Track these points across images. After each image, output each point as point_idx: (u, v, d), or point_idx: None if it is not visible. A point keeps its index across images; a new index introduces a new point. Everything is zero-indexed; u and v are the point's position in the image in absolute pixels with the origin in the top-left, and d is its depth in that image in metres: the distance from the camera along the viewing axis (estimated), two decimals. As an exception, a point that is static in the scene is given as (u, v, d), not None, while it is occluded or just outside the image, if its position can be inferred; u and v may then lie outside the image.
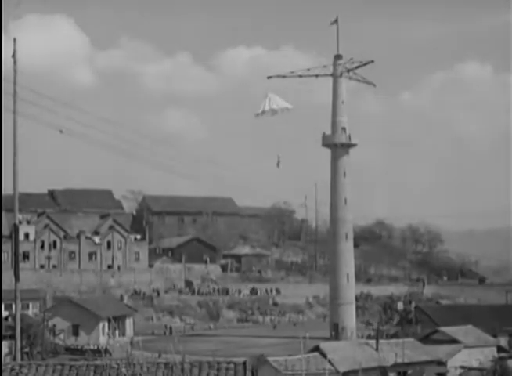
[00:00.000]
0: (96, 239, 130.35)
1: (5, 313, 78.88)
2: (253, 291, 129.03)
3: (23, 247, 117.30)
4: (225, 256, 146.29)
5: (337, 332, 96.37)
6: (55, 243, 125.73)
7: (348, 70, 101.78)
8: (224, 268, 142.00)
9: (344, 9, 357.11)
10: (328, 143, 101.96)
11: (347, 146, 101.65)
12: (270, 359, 54.19)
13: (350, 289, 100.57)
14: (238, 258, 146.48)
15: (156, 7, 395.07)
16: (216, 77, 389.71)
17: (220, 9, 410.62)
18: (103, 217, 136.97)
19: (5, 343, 61.15)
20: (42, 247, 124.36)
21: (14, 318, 46.50)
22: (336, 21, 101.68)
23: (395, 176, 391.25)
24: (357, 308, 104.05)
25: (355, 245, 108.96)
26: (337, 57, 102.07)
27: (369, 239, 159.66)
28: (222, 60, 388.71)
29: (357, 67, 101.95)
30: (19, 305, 44.53)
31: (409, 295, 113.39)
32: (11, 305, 76.69)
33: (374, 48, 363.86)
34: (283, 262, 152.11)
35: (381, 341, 59.70)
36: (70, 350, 79.93)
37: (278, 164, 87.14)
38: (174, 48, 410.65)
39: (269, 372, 51.69)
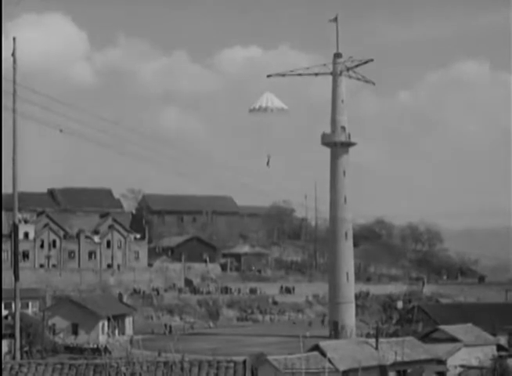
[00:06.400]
0: (96, 238, 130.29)
1: (4, 312, 78.83)
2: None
3: (23, 246, 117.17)
4: (224, 255, 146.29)
5: (336, 331, 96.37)
6: (54, 242, 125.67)
7: (348, 69, 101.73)
8: (223, 267, 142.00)
9: (342, 8, 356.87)
10: (327, 142, 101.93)
11: (347, 144, 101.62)
12: (270, 357, 54.22)
13: (349, 288, 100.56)
14: (238, 257, 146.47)
15: (153, 5, 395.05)
16: (214, 75, 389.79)
17: (218, 7, 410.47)
18: (103, 216, 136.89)
19: (4, 342, 61.12)
20: (42, 246, 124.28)
21: (14, 317, 46.49)
22: (335, 19, 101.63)
23: (395, 175, 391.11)
24: (356, 307, 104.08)
25: (355, 244, 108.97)
26: (337, 56, 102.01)
27: (369, 238, 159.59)
28: (220, 59, 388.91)
29: (357, 66, 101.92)
30: (19, 304, 44.53)
31: (408, 294, 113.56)
32: (11, 304, 76.64)
33: (373, 48, 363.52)
34: (283, 261, 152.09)
35: (381, 339, 59.67)
36: (69, 349, 79.90)
37: (268, 163, 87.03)
38: (171, 46, 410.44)
39: (269, 371, 51.68)
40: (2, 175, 39.21)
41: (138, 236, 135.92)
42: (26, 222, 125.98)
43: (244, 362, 21.96)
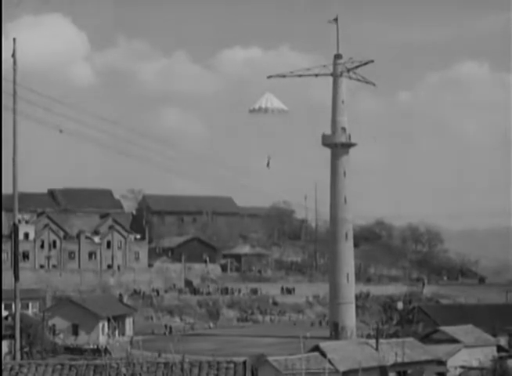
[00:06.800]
0: (96, 238, 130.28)
1: (4, 313, 78.77)
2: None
3: (23, 246, 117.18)
4: (224, 256, 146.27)
5: (336, 332, 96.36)
6: (54, 242, 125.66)
7: (348, 70, 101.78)
8: (224, 267, 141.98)
9: (343, 9, 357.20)
10: (328, 143, 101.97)
11: (347, 145, 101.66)
12: (270, 358, 54.20)
13: (350, 288, 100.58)
14: (238, 257, 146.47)
15: (153, 6, 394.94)
16: (214, 76, 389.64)
17: (218, 8, 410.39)
18: (103, 217, 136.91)
19: (4, 342, 61.08)
20: (42, 246, 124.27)
21: (14, 317, 46.47)
22: (336, 20, 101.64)
23: (395, 176, 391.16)
24: (357, 307, 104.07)
25: (355, 245, 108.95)
26: (337, 57, 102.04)
27: (369, 238, 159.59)
28: (220, 59, 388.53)
29: (357, 67, 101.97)
30: (19, 305, 44.49)
31: (408, 295, 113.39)
32: (11, 305, 76.56)
33: (373, 48, 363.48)
34: (283, 262, 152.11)
35: (381, 340, 59.66)
36: (69, 350, 79.87)
37: (268, 164, 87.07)
38: (171, 47, 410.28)
39: (269, 371, 51.68)
40: (2, 176, 39.18)
41: (138, 236, 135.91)
42: (27, 222, 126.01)
43: (244, 363, 21.93)
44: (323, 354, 54.60)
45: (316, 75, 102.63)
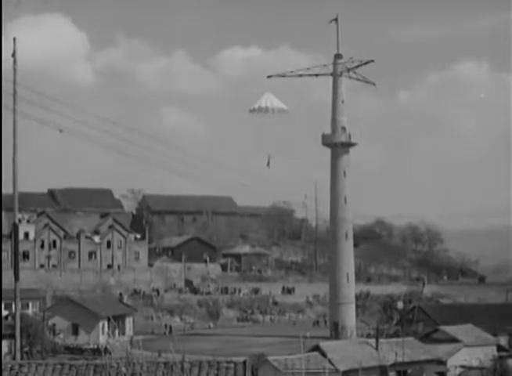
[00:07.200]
0: (96, 238, 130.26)
1: (4, 312, 78.82)
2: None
3: (23, 246, 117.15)
4: (224, 255, 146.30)
5: (336, 331, 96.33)
6: (54, 242, 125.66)
7: (348, 70, 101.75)
8: (224, 267, 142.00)
9: (343, 8, 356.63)
10: (328, 143, 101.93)
11: (347, 145, 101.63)
12: (270, 358, 54.23)
13: (350, 288, 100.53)
14: (238, 257, 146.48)
15: (153, 5, 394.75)
16: (214, 75, 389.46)
17: (217, 7, 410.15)
18: (103, 216, 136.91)
19: (4, 342, 61.13)
20: (42, 246, 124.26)
21: (14, 317, 46.50)
22: (336, 20, 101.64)
23: (395, 175, 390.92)
24: (357, 307, 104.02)
25: (355, 244, 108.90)
26: (337, 56, 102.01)
27: (369, 238, 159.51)
28: (220, 59, 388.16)
29: (357, 66, 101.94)
30: (19, 305, 44.51)
31: (408, 294, 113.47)
32: (11, 305, 76.62)
33: (373, 48, 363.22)
34: (283, 262, 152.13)
35: (381, 340, 59.67)
36: (69, 349, 79.91)
37: (268, 164, 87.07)
38: (171, 46, 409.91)
39: (269, 371, 51.70)
40: (3, 175, 39.17)
41: (138, 236, 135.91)
42: (28, 222, 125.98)
43: (244, 362, 21.94)
44: (323, 354, 54.62)
45: (316, 75, 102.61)
